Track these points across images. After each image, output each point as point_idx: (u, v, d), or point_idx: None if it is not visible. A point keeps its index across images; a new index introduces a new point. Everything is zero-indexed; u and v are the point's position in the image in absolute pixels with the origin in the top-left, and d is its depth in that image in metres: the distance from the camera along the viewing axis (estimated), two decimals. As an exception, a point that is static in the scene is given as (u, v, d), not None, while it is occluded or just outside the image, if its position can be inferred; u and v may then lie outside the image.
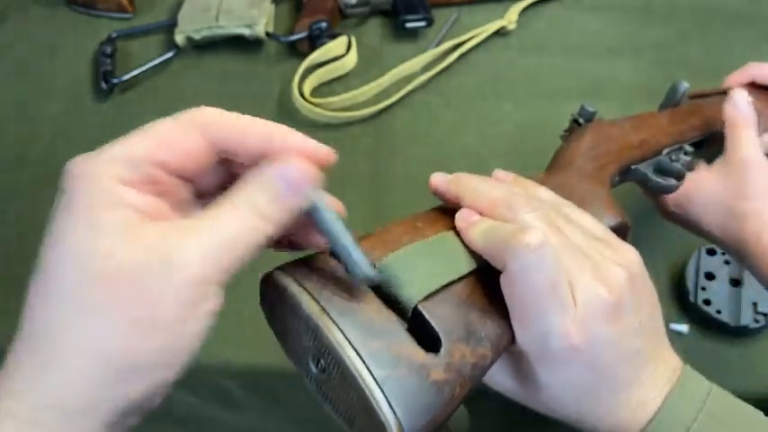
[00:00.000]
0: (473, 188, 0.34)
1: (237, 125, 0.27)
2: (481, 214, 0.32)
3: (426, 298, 0.28)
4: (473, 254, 0.31)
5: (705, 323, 0.54)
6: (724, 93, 0.49)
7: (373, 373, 0.25)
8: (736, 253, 0.45)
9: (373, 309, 0.27)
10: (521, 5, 0.77)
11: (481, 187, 0.34)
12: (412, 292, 0.28)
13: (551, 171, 0.41)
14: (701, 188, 0.46)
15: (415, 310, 0.28)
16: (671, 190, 0.46)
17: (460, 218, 0.33)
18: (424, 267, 0.29)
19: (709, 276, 0.55)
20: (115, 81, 0.72)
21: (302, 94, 0.69)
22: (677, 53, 0.74)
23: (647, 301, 0.33)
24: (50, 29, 0.80)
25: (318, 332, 0.26)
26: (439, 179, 0.35)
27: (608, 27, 0.77)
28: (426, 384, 0.26)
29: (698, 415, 0.31)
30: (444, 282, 0.29)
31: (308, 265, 0.29)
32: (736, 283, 0.55)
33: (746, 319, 0.53)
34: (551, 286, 0.29)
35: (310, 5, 0.76)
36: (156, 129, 0.27)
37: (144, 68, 0.73)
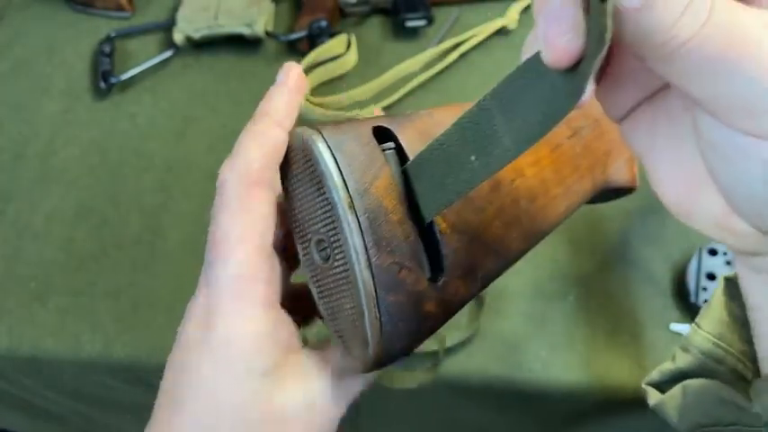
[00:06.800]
0: None
1: None
2: None
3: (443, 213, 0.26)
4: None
5: (706, 323, 0.54)
6: None
7: (378, 292, 0.24)
8: None
9: (398, 218, 0.25)
10: (522, 4, 0.77)
11: None
12: (427, 208, 0.25)
13: None
14: None
15: (431, 225, 0.26)
16: None
17: None
18: (441, 172, 0.25)
19: (711, 277, 0.55)
20: (114, 80, 0.72)
21: (302, 94, 0.69)
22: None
23: None
24: (49, 28, 0.80)
25: (338, 225, 0.25)
26: None
27: (609, 26, 0.77)
28: (417, 314, 0.25)
29: None
30: (455, 198, 0.25)
31: (347, 136, 0.26)
32: (737, 283, 0.55)
33: (748, 319, 0.53)
34: None
35: (310, 4, 0.76)
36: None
37: (143, 67, 0.73)
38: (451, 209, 0.26)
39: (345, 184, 0.24)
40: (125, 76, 0.72)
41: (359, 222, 0.24)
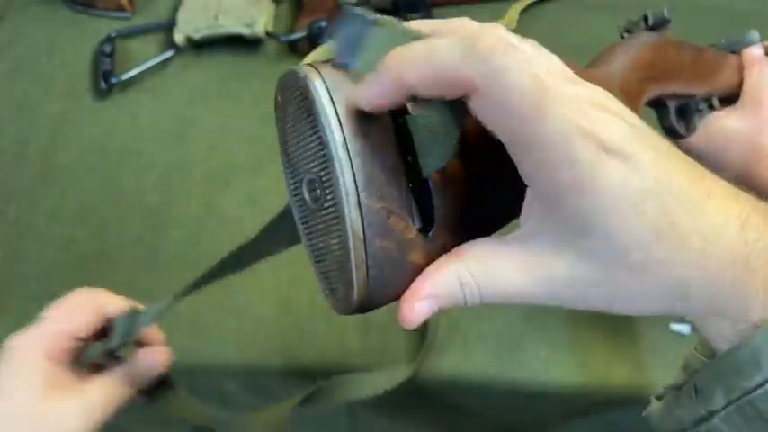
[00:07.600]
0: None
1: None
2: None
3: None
4: None
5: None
6: None
7: (366, 235, 0.24)
8: (757, 192, 0.45)
9: (392, 164, 0.25)
10: (521, 5, 0.77)
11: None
12: (428, 162, 0.25)
13: (596, 62, 0.39)
14: (723, 127, 0.47)
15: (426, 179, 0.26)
16: (678, 137, 0.45)
17: None
18: (436, 129, 0.25)
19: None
20: (114, 80, 0.72)
21: (302, 94, 0.69)
22: (678, 52, 0.74)
23: None
24: (49, 28, 0.80)
25: (330, 166, 0.24)
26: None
27: (609, 26, 0.77)
28: (403, 263, 0.25)
29: None
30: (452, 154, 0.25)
31: (346, 77, 0.25)
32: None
33: (748, 319, 0.53)
34: None
35: (310, 4, 0.76)
36: (64, 310, 0.42)
37: (143, 68, 0.73)
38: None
39: (341, 124, 0.24)
40: (125, 77, 0.72)
41: (351, 163, 0.24)
